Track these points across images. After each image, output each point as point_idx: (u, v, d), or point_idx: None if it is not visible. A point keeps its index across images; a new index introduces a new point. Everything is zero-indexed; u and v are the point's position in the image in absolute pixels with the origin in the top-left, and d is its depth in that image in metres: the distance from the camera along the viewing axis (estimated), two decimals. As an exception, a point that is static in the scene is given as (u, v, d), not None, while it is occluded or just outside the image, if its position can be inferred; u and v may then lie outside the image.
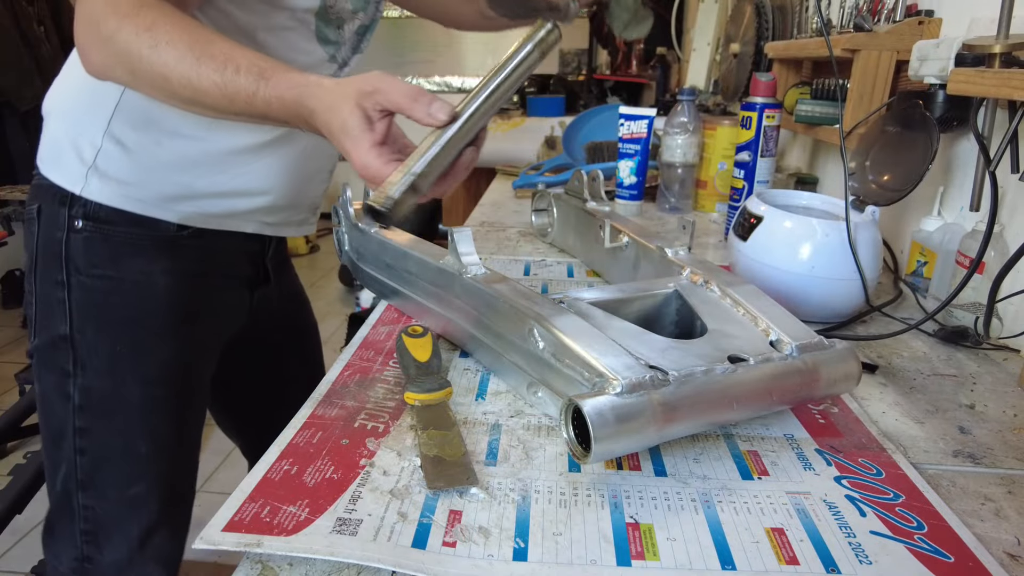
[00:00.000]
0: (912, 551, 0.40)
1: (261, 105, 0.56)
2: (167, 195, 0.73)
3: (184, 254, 0.76)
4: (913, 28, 0.91)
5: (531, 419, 0.54)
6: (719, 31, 1.87)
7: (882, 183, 0.85)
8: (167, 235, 0.74)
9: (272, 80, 0.55)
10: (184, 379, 0.79)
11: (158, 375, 0.76)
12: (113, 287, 0.72)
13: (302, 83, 0.55)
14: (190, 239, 0.76)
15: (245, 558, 0.39)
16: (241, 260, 0.83)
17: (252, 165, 0.76)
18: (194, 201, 0.75)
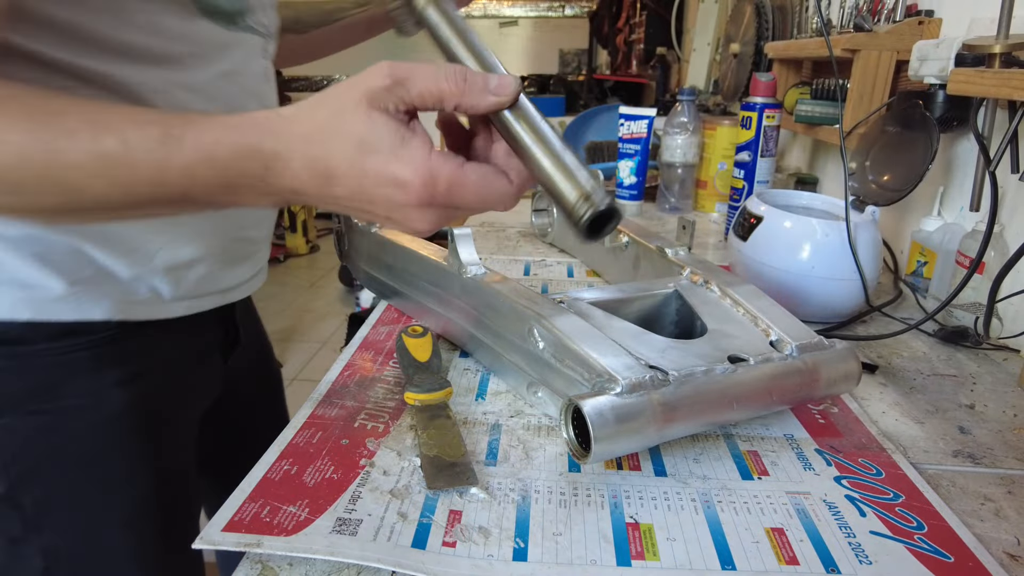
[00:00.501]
0: (912, 551, 0.40)
1: (177, 178, 0.37)
2: (81, 284, 0.52)
3: (138, 350, 0.57)
4: (913, 28, 0.91)
5: (531, 419, 0.54)
6: (719, 31, 1.87)
7: (882, 183, 0.85)
8: (108, 335, 0.55)
9: (189, 134, 0.37)
10: (169, 501, 0.62)
11: (137, 511, 0.59)
12: (52, 423, 0.54)
13: (243, 122, 0.38)
14: (140, 330, 0.57)
15: (245, 558, 0.39)
16: (208, 329, 0.66)
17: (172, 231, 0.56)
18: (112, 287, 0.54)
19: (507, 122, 0.40)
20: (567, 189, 0.38)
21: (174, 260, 0.57)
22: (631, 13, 2.95)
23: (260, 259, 0.70)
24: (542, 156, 0.39)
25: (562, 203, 0.39)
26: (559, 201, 0.39)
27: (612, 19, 3.30)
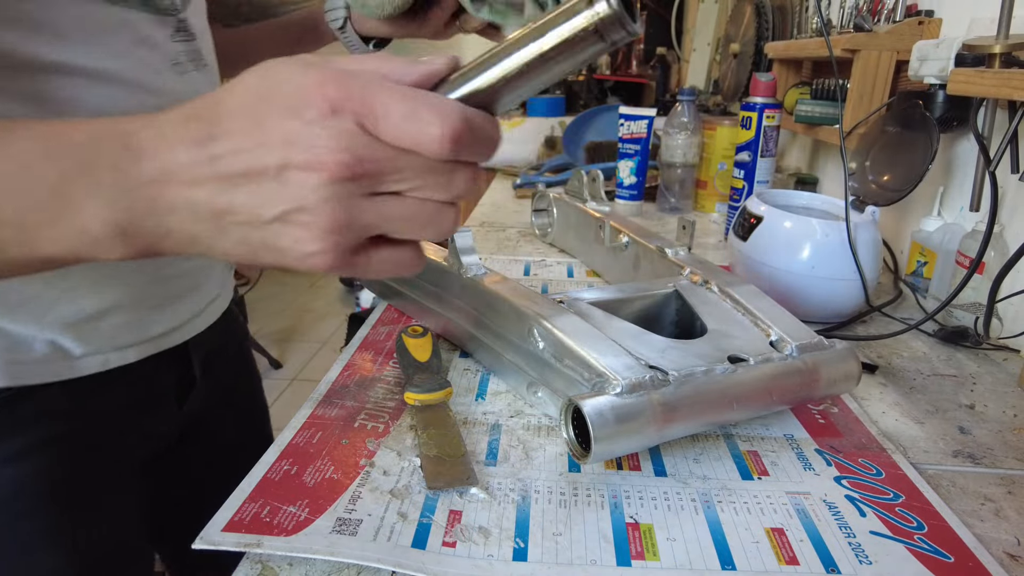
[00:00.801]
0: (912, 551, 0.40)
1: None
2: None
3: (45, 414, 0.51)
4: (913, 28, 0.91)
5: (531, 419, 0.54)
6: (719, 31, 1.87)
7: (882, 183, 0.85)
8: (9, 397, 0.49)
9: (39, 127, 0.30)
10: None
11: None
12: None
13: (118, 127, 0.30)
14: (46, 391, 0.50)
15: (245, 558, 0.39)
16: (150, 375, 0.58)
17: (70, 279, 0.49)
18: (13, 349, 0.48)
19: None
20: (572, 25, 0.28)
21: (77, 313, 0.50)
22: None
23: (204, 294, 0.62)
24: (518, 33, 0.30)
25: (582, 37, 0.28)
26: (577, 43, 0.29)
27: (612, 19, 3.29)
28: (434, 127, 0.28)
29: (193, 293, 0.59)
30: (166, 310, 0.56)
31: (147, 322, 0.55)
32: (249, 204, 0.29)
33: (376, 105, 0.28)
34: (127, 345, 0.54)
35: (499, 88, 0.30)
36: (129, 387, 0.55)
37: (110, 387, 0.53)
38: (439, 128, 0.28)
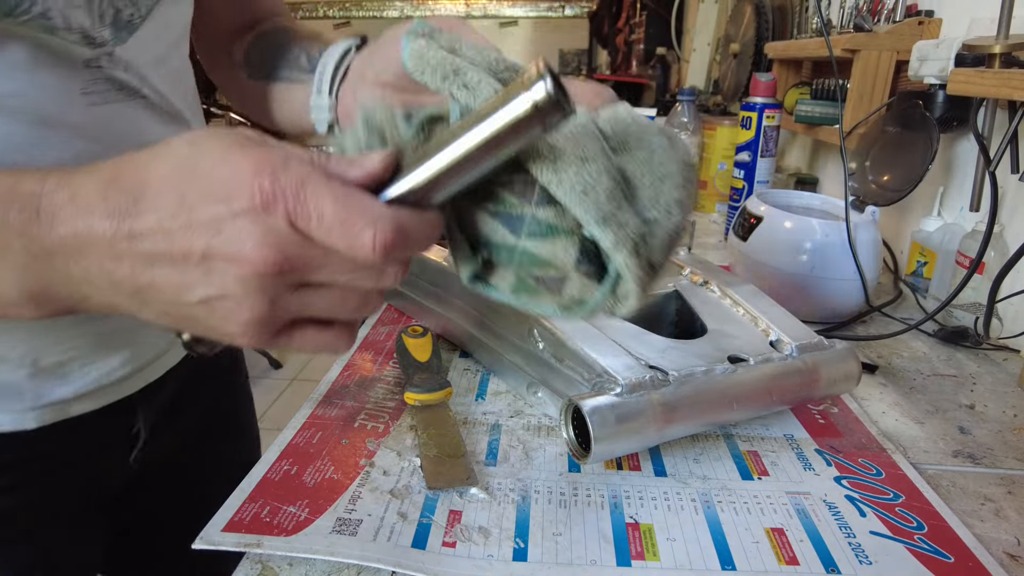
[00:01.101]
0: (912, 551, 0.40)
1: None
2: None
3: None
4: (913, 28, 0.91)
5: (531, 419, 0.54)
6: (719, 31, 1.87)
7: (882, 183, 0.85)
8: None
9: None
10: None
11: None
12: None
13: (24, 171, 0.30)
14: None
15: (245, 558, 0.39)
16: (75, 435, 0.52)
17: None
18: None
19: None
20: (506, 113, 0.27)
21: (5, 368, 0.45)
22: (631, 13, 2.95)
23: (145, 348, 0.54)
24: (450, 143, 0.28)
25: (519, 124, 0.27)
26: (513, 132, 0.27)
27: (612, 19, 3.30)
28: (366, 235, 0.27)
29: (132, 345, 0.52)
30: (74, 371, 0.49)
31: (43, 386, 0.48)
32: (171, 285, 0.28)
33: (309, 206, 0.27)
34: (17, 411, 0.48)
35: (436, 182, 0.29)
36: (72, 439, 0.52)
37: (52, 438, 0.50)
38: (370, 237, 0.27)
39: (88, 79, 0.43)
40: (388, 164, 0.29)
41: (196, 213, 0.27)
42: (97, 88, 0.44)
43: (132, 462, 0.58)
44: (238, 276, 0.27)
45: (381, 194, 0.29)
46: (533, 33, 4.26)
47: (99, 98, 0.44)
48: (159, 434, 0.60)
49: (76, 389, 0.49)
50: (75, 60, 0.42)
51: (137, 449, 0.58)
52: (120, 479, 0.59)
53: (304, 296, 0.29)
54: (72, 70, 0.42)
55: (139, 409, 0.57)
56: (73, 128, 0.43)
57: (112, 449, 0.56)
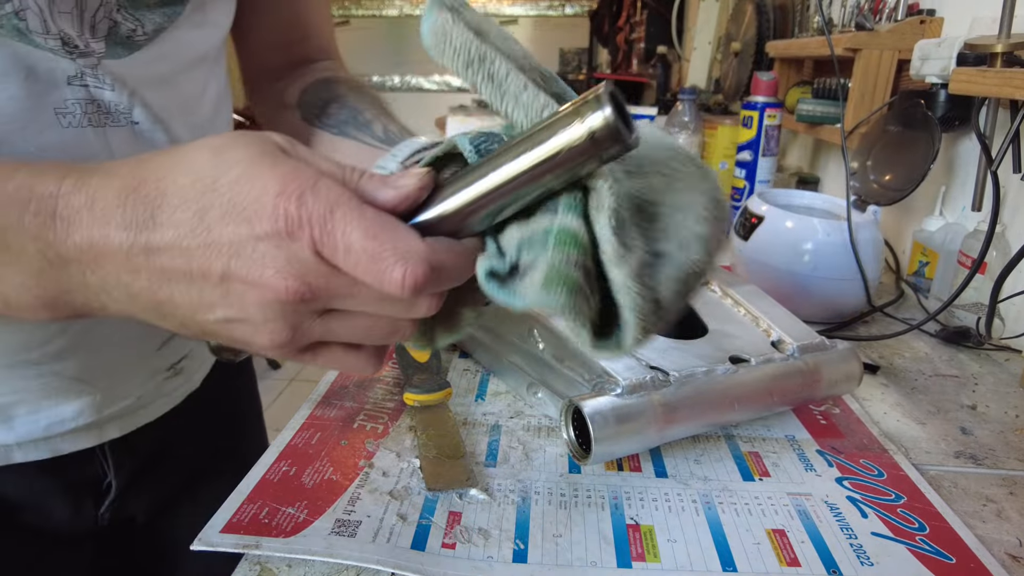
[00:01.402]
0: (913, 552, 0.40)
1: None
2: None
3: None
4: (915, 27, 0.91)
5: (531, 420, 0.53)
6: (720, 30, 1.87)
7: (884, 183, 0.85)
8: None
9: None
10: None
11: None
12: None
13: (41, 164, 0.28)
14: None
15: (244, 559, 0.39)
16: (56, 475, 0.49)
17: None
18: None
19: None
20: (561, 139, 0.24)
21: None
22: (631, 12, 2.95)
23: (123, 393, 0.49)
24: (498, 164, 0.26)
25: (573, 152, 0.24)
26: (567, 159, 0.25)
27: (612, 18, 3.29)
28: (395, 272, 0.25)
29: (87, 396, 0.47)
30: (44, 413, 0.46)
31: (21, 422, 0.45)
32: (189, 303, 0.27)
33: (337, 235, 0.25)
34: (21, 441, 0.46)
35: (474, 209, 0.27)
36: (19, 486, 0.48)
37: (15, 478, 0.47)
38: (400, 275, 0.25)
39: (67, 97, 0.39)
40: (425, 185, 0.28)
41: (216, 232, 0.26)
42: (76, 109, 0.40)
43: (102, 515, 0.53)
44: (258, 301, 0.26)
45: (415, 217, 0.28)
46: (533, 32, 4.25)
47: (76, 119, 0.40)
48: (141, 486, 0.55)
49: (21, 435, 0.45)
50: (55, 75, 0.39)
51: (109, 501, 0.53)
52: (88, 537, 0.53)
53: (329, 322, 0.28)
54: (48, 86, 0.39)
55: (110, 459, 0.52)
56: (41, 149, 0.39)
57: (76, 498, 0.51)
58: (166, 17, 0.43)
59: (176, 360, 0.53)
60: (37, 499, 0.49)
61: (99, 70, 0.41)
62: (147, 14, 0.42)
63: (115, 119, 0.42)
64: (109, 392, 0.49)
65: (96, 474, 0.52)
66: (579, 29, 4.06)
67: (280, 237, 0.25)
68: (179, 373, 0.54)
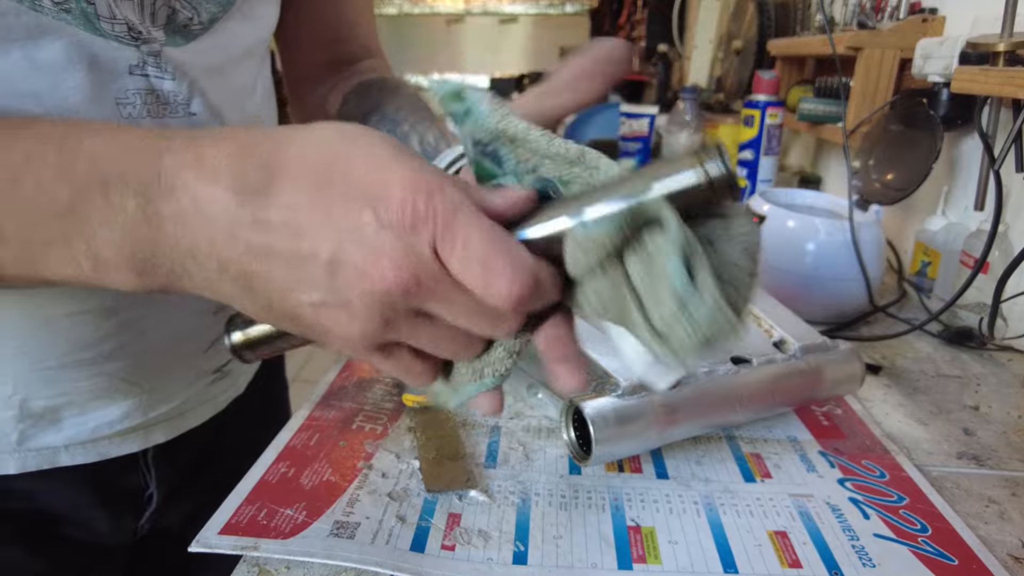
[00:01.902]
0: (916, 554, 0.40)
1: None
2: None
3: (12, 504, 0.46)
4: (917, 26, 0.90)
5: (531, 421, 0.53)
6: (721, 28, 1.87)
7: (886, 182, 0.85)
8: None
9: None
10: None
11: None
12: None
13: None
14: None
15: (242, 561, 0.38)
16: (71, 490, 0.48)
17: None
18: None
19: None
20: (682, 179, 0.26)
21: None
22: (632, 10, 2.94)
23: (165, 397, 0.49)
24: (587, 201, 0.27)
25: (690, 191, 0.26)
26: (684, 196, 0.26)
27: (613, 16, 3.29)
28: (503, 281, 0.25)
29: (133, 398, 0.47)
30: (66, 417, 0.45)
31: (33, 431, 0.45)
32: (286, 281, 0.26)
33: (458, 236, 0.25)
34: (45, 447, 0.46)
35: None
36: (63, 492, 0.48)
37: (39, 488, 0.47)
38: (507, 285, 0.25)
39: (128, 88, 0.40)
40: (531, 198, 0.28)
41: (336, 214, 0.25)
42: (136, 100, 0.40)
43: (141, 527, 0.54)
44: (365, 290, 0.26)
45: (516, 232, 0.28)
46: (533, 30, 4.25)
47: (136, 110, 0.40)
48: (180, 497, 0.55)
49: (68, 437, 0.45)
50: (117, 64, 0.39)
51: (149, 512, 0.54)
52: (125, 547, 0.53)
53: (416, 324, 0.28)
54: (111, 75, 0.39)
55: (152, 470, 0.52)
56: None
57: (117, 508, 0.51)
58: (220, 7, 0.44)
59: (222, 363, 0.53)
60: (80, 511, 0.49)
61: (161, 58, 0.41)
62: (203, 3, 0.42)
63: (173, 110, 0.42)
64: (155, 393, 0.48)
65: (138, 485, 0.52)
66: (579, 28, 4.05)
67: (404, 228, 0.25)
68: (225, 376, 0.54)
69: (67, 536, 0.49)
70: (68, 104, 0.37)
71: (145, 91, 0.40)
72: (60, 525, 0.49)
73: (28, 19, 0.35)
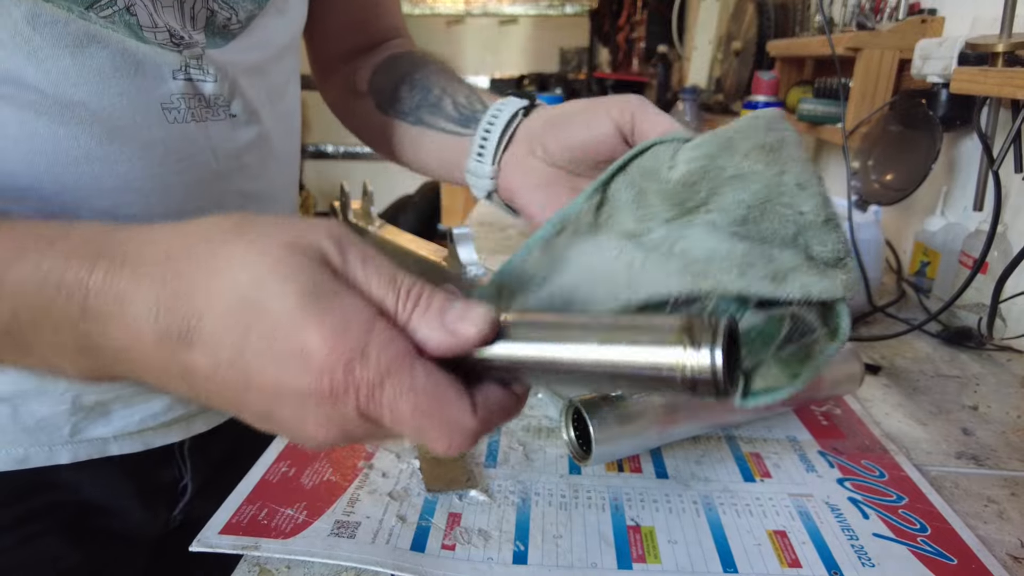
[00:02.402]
0: (915, 553, 0.40)
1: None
2: None
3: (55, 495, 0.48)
4: (916, 27, 0.90)
5: (531, 421, 0.53)
6: (720, 29, 1.87)
7: (885, 183, 0.85)
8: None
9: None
10: None
11: None
12: None
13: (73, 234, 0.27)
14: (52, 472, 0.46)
15: (243, 560, 0.39)
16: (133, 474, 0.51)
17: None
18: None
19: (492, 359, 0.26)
20: (653, 353, 0.23)
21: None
22: (632, 11, 2.94)
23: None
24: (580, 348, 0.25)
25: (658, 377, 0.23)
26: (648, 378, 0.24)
27: (613, 17, 3.29)
28: (440, 443, 0.25)
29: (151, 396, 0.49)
30: (138, 407, 0.48)
31: (118, 416, 0.47)
32: (229, 407, 0.27)
33: (384, 407, 0.24)
34: (96, 438, 0.47)
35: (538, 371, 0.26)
36: (109, 481, 0.50)
37: (86, 478, 0.48)
38: (445, 446, 0.25)
39: (172, 92, 0.40)
40: (485, 336, 0.26)
41: (255, 374, 0.24)
42: (180, 104, 0.41)
43: (174, 518, 0.56)
44: (297, 436, 0.26)
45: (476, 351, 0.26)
46: (533, 31, 4.25)
47: (180, 115, 0.41)
48: (213, 488, 0.54)
49: (117, 429, 0.48)
50: (161, 70, 0.39)
51: (183, 503, 0.56)
52: (156, 538, 0.55)
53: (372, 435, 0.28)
54: (156, 81, 0.39)
55: (188, 461, 0.55)
56: (146, 145, 0.40)
57: (153, 500, 0.53)
58: (256, 4, 0.44)
59: None
60: (119, 501, 0.51)
61: (203, 60, 0.42)
62: (240, 1, 0.43)
63: (215, 112, 0.43)
64: None
65: (173, 476, 0.54)
66: (579, 28, 4.05)
67: (323, 397, 0.24)
68: None
69: (104, 528, 0.51)
70: (115, 110, 0.38)
71: (188, 95, 0.41)
72: (100, 516, 0.50)
73: (77, 27, 0.36)
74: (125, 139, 0.39)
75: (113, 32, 0.37)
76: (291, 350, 0.24)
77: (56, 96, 0.36)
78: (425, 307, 0.26)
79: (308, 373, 0.24)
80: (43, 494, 0.47)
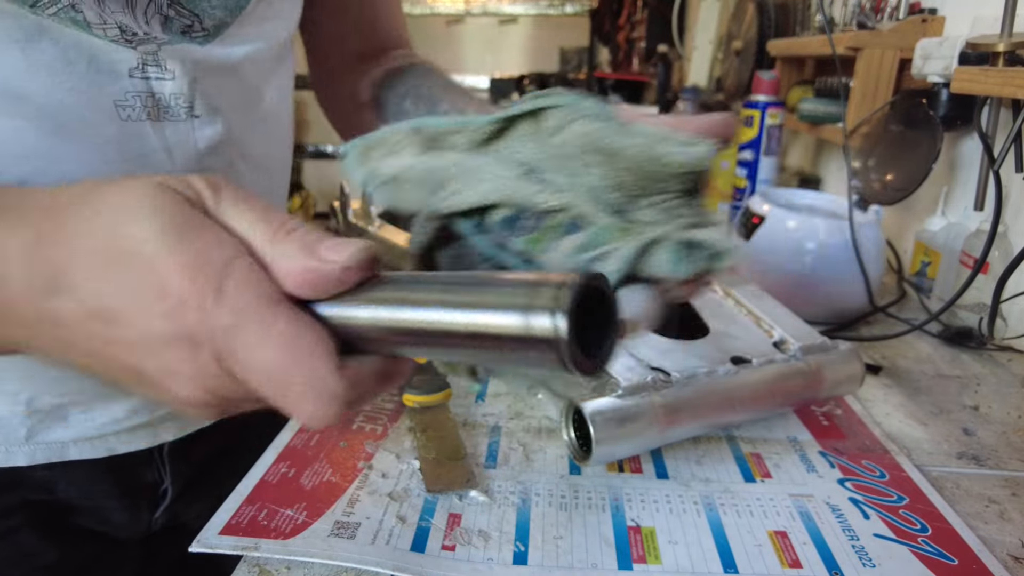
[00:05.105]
0: (916, 554, 0.40)
1: None
2: None
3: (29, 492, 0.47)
4: (916, 26, 0.90)
5: (531, 421, 0.53)
6: (721, 28, 1.87)
7: (886, 182, 0.85)
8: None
9: None
10: None
11: None
12: None
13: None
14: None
15: (242, 561, 0.38)
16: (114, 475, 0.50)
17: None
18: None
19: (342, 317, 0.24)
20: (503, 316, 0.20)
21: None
22: (632, 10, 2.95)
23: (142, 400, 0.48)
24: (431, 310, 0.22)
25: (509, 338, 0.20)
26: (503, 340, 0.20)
27: (613, 16, 3.29)
28: (304, 407, 0.23)
29: (135, 397, 0.47)
30: (96, 412, 0.47)
31: (76, 420, 0.46)
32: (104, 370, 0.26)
33: (239, 356, 0.22)
34: (54, 441, 0.46)
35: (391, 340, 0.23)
36: (75, 483, 0.49)
37: (50, 480, 0.47)
38: (309, 411, 0.23)
39: (127, 90, 0.39)
40: (353, 268, 0.23)
41: (119, 321, 0.23)
42: (135, 102, 0.39)
43: (156, 520, 0.54)
44: (165, 396, 0.25)
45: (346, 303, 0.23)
46: (533, 30, 4.25)
47: (135, 113, 0.39)
48: (196, 492, 0.55)
49: (76, 433, 0.46)
50: (117, 67, 0.38)
51: (164, 506, 0.54)
52: (139, 540, 0.54)
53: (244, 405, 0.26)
54: (110, 77, 0.38)
55: (167, 465, 0.52)
56: (96, 143, 0.38)
57: (134, 501, 0.52)
58: (228, 11, 0.41)
59: None
60: (95, 501, 0.50)
61: (160, 55, 0.40)
62: (206, 8, 0.40)
63: (174, 113, 0.41)
64: None
65: (153, 479, 0.53)
66: (579, 28, 4.05)
67: (180, 342, 0.23)
68: None
69: (82, 526, 0.50)
70: (65, 105, 0.37)
71: (145, 94, 0.40)
72: (75, 515, 0.49)
73: (28, 21, 0.35)
74: (74, 136, 0.38)
75: (65, 27, 0.36)
76: (149, 288, 0.22)
77: (3, 90, 0.35)
78: (294, 239, 0.24)
79: (165, 316, 0.22)
80: (13, 491, 0.46)
